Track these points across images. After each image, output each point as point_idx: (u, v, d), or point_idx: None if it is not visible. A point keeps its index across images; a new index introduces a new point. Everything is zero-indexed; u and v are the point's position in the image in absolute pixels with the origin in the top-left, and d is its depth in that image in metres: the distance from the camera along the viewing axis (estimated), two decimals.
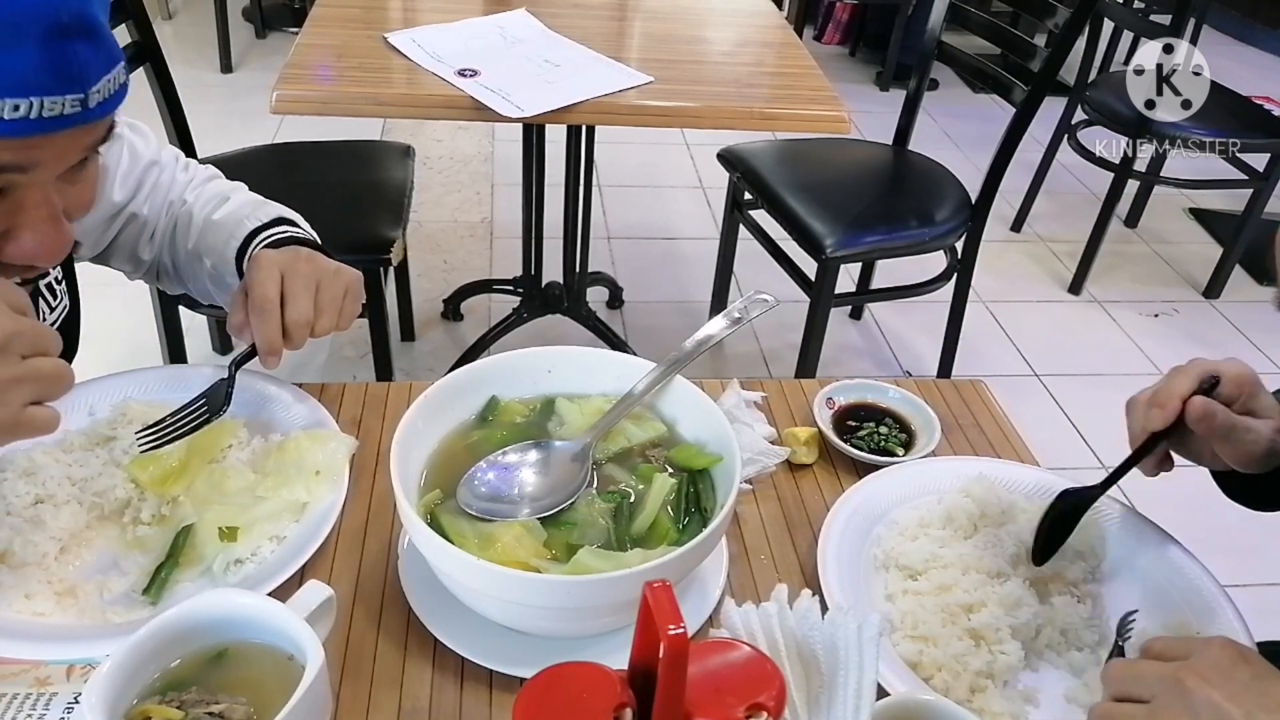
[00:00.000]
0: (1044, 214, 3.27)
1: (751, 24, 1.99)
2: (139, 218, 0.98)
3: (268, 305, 0.82)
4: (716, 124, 1.61)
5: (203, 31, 4.03)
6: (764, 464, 0.90)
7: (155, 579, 0.74)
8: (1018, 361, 2.62)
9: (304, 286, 0.83)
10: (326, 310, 0.85)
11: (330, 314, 0.85)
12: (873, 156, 2.33)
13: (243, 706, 0.59)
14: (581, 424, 0.81)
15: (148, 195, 0.98)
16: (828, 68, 1.77)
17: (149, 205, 0.98)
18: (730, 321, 0.85)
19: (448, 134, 3.50)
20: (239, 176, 1.04)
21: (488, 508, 0.74)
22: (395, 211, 1.88)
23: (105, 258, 1.02)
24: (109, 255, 1.01)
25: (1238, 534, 0.99)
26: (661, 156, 3.51)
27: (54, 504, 0.77)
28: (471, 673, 0.71)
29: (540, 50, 1.68)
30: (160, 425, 0.82)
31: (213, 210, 0.96)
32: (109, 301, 1.03)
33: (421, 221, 2.96)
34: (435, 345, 2.47)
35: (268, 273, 0.83)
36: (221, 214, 0.96)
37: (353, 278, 0.90)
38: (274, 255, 0.85)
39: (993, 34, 2.14)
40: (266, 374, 0.91)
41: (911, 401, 0.99)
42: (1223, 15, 4.92)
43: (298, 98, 1.51)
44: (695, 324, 0.85)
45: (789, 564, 0.82)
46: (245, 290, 0.84)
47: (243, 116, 3.02)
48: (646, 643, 0.51)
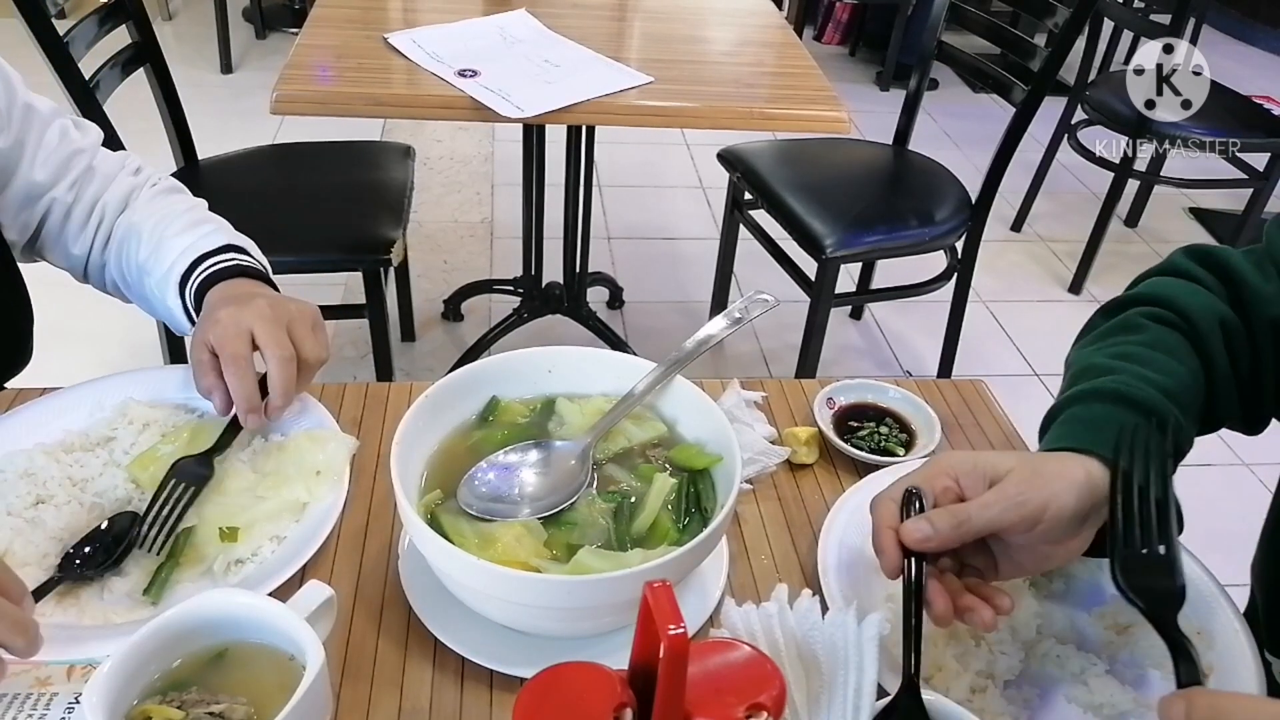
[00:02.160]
0: (1044, 214, 3.27)
1: (751, 24, 1.99)
2: (63, 204, 0.96)
3: (240, 362, 0.79)
4: (716, 124, 1.61)
5: (203, 32, 4.03)
6: (764, 464, 0.90)
7: (156, 579, 0.74)
8: (1018, 361, 2.62)
9: (274, 330, 0.81)
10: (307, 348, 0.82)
11: (314, 350, 0.83)
12: (873, 156, 2.33)
13: (243, 707, 0.59)
14: (582, 424, 0.81)
15: (74, 183, 0.96)
16: (827, 68, 1.77)
17: (77, 195, 0.96)
18: (730, 321, 0.85)
19: (448, 134, 3.50)
20: (239, 177, 1.05)
21: (488, 508, 0.74)
22: (395, 212, 1.88)
23: (40, 250, 1.01)
24: (42, 248, 1.00)
25: (1236, 534, 0.99)
26: (662, 156, 3.51)
27: (54, 504, 0.77)
28: (472, 673, 0.71)
29: (540, 50, 1.68)
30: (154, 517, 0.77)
31: (163, 225, 0.94)
32: (108, 302, 1.03)
33: (422, 222, 2.96)
34: (435, 345, 2.48)
35: (232, 327, 0.80)
36: (170, 229, 0.93)
37: (314, 310, 0.87)
38: (232, 309, 0.82)
39: (993, 34, 2.14)
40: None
41: (912, 401, 0.99)
42: (1223, 15, 4.93)
43: (297, 98, 1.51)
44: (695, 324, 0.85)
45: (789, 564, 0.82)
46: (207, 348, 0.81)
47: (243, 117, 3.03)
48: (647, 643, 0.51)
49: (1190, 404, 0.71)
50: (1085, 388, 0.72)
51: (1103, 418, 0.69)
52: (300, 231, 1.80)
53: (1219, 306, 0.76)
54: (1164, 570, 0.62)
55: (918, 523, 0.65)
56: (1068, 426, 0.70)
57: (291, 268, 1.79)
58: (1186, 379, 0.72)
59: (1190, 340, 0.75)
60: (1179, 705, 0.52)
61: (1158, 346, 0.73)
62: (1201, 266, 0.80)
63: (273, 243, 1.02)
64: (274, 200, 1.88)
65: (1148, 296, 0.79)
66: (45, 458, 0.80)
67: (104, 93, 1.68)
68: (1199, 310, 0.75)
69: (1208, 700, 0.53)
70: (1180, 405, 0.70)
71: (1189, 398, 0.71)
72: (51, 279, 1.04)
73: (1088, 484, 0.65)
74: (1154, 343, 0.74)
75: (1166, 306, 0.77)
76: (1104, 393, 0.70)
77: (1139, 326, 0.76)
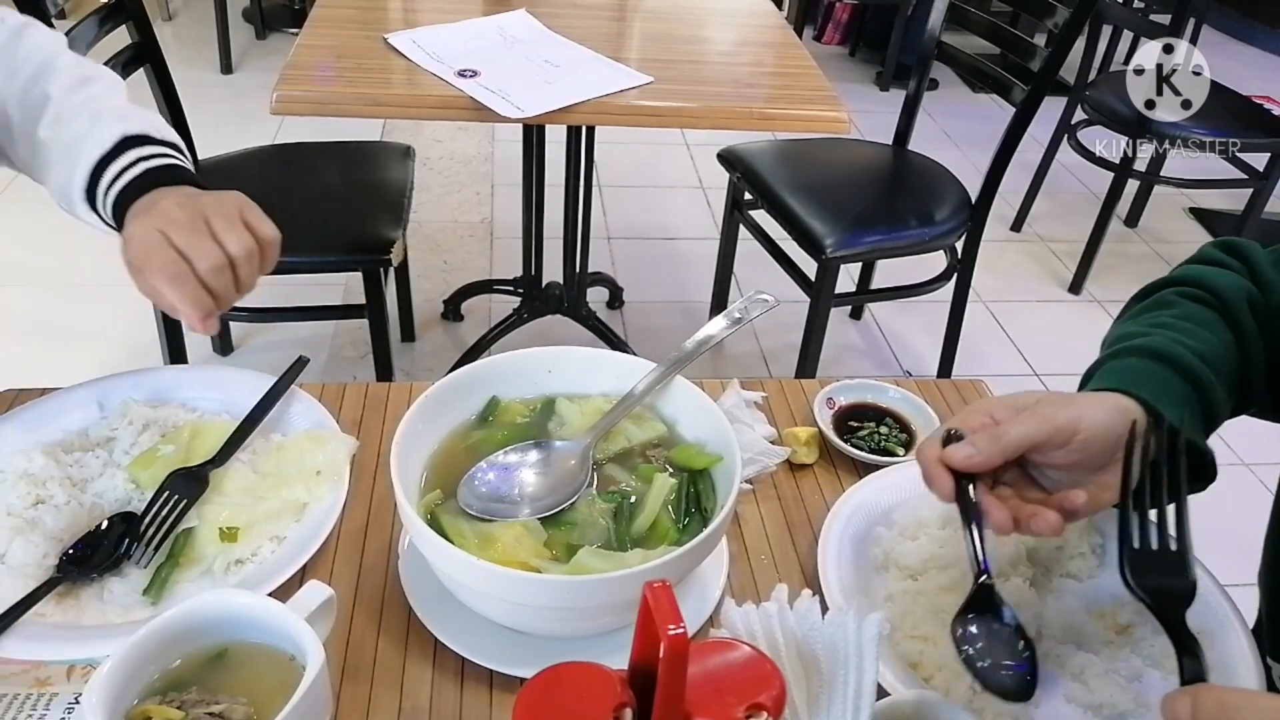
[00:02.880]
0: (1044, 214, 3.27)
1: (751, 24, 1.99)
2: None
3: (172, 268, 0.72)
4: (716, 124, 1.61)
5: (203, 32, 4.03)
6: (764, 464, 0.90)
7: (155, 579, 0.74)
8: (1018, 361, 2.62)
9: (192, 232, 0.73)
10: (229, 240, 0.74)
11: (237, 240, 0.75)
12: (872, 156, 2.33)
13: (243, 707, 0.59)
14: (582, 424, 0.81)
15: None
16: (827, 68, 1.77)
17: None
18: (730, 321, 0.85)
19: (448, 134, 3.50)
20: (239, 177, 1.04)
21: (488, 508, 0.74)
22: (395, 212, 1.88)
23: None
24: None
25: (1237, 534, 0.99)
26: (661, 157, 3.51)
27: (54, 505, 0.77)
28: (472, 673, 0.71)
29: (540, 50, 1.68)
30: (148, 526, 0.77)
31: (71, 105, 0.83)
32: (109, 302, 1.03)
33: (421, 222, 2.96)
34: (435, 346, 2.47)
35: (148, 238, 0.73)
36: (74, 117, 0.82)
37: (239, 197, 0.79)
38: (142, 220, 0.74)
39: (992, 34, 2.14)
40: (268, 376, 0.91)
41: (911, 401, 0.99)
42: (1223, 15, 4.93)
43: (297, 99, 1.51)
44: (695, 324, 0.85)
45: (789, 564, 0.82)
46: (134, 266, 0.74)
47: (243, 117, 3.02)
48: (646, 643, 0.51)
49: (1224, 370, 0.73)
50: (1122, 347, 0.74)
51: (1138, 369, 0.71)
52: (300, 232, 1.80)
53: (1246, 284, 0.78)
54: (1175, 568, 0.62)
55: (960, 445, 0.67)
56: (1104, 376, 0.72)
57: (292, 268, 1.79)
58: (1219, 348, 0.73)
59: (1222, 315, 0.77)
60: (1184, 701, 0.52)
61: (1192, 319, 0.75)
62: (1227, 253, 0.82)
63: None
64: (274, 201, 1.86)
65: (1179, 279, 0.81)
66: (45, 458, 0.80)
67: None
68: (1229, 288, 0.77)
69: (1215, 696, 0.52)
70: (1214, 370, 0.71)
71: (1223, 364, 0.73)
72: (52, 281, 1.04)
73: (1119, 408, 0.67)
74: (1187, 315, 0.76)
75: (1197, 285, 0.79)
76: (1141, 349, 0.72)
77: (1172, 303, 0.78)
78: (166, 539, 0.77)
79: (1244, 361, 0.75)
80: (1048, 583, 0.79)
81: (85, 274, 2.47)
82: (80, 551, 0.75)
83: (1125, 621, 0.76)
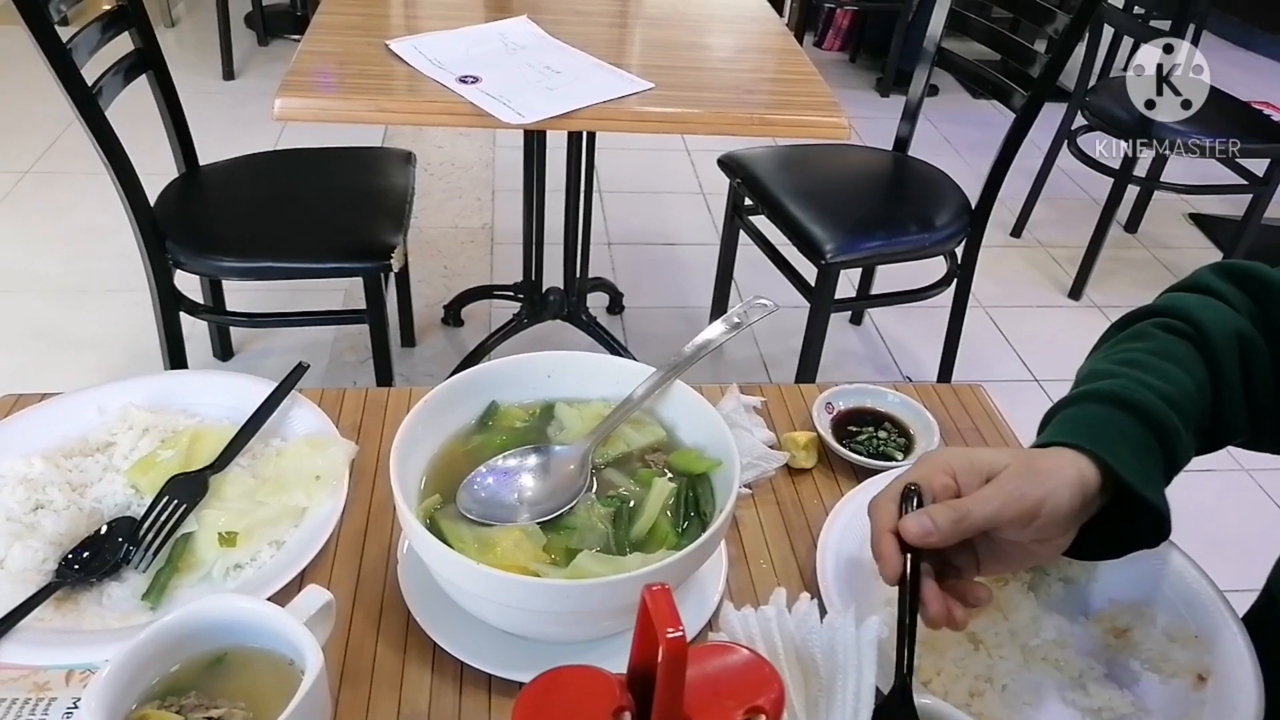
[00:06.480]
0: (1044, 219, 3.27)
1: (752, 30, 2.00)
2: None
3: None
4: (717, 130, 1.61)
5: (205, 38, 4.05)
6: (763, 468, 0.90)
7: (155, 584, 0.74)
8: (1018, 367, 2.62)
9: None
10: None
11: None
12: (873, 162, 2.34)
13: (242, 711, 0.59)
14: (581, 429, 0.82)
15: None
16: (828, 74, 1.78)
17: None
18: (730, 326, 0.86)
19: (449, 140, 3.51)
20: (241, 183, 1.05)
21: (487, 512, 0.74)
22: (396, 217, 1.88)
23: None
24: None
25: (1236, 539, 0.99)
26: (662, 162, 3.52)
27: (53, 510, 0.77)
28: (470, 677, 0.71)
29: (541, 57, 1.69)
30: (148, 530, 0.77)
31: None
32: (110, 308, 1.03)
33: (422, 227, 2.96)
34: (435, 351, 2.48)
35: None
36: None
37: None
38: None
39: (993, 40, 2.14)
40: (268, 381, 0.91)
41: (910, 406, 0.99)
42: (1223, 20, 4.93)
43: (300, 105, 1.51)
44: (695, 329, 0.85)
45: (788, 568, 0.82)
46: None
47: (245, 123, 3.03)
48: (645, 646, 0.51)
49: (1191, 413, 0.70)
50: (1084, 390, 0.71)
51: (1098, 418, 0.69)
52: (301, 237, 1.80)
53: (1237, 320, 0.74)
54: None
55: (919, 518, 0.64)
56: (1062, 425, 0.70)
57: (293, 273, 1.81)
58: (1190, 388, 0.71)
59: (1200, 350, 0.74)
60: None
61: (1164, 355, 0.73)
62: (1231, 281, 0.78)
63: (274, 248, 1.02)
64: (275, 206, 1.89)
65: (1161, 308, 0.78)
66: (45, 463, 0.80)
67: (106, 99, 1.68)
68: (1212, 322, 0.74)
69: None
70: (1181, 413, 0.69)
71: (1191, 407, 0.70)
72: (53, 287, 1.05)
73: (1079, 482, 0.65)
74: (1160, 351, 0.73)
75: (1178, 317, 0.76)
76: (1101, 395, 0.70)
77: (1147, 335, 0.75)
78: (166, 544, 0.77)
79: (1217, 404, 0.73)
80: (1045, 586, 0.79)
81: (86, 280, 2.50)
82: (79, 556, 0.75)
83: (1124, 625, 0.76)
